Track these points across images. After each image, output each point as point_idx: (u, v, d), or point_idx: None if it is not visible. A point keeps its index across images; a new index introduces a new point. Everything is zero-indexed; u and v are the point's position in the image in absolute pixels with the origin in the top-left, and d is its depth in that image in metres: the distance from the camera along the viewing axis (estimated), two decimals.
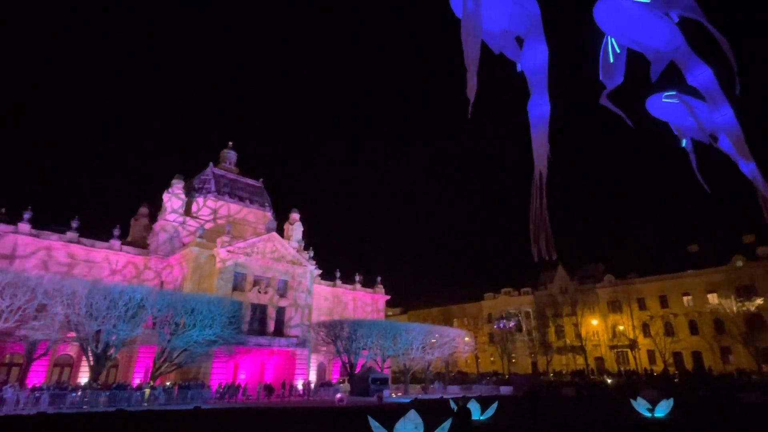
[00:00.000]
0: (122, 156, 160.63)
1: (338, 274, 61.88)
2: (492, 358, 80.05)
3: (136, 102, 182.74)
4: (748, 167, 9.04)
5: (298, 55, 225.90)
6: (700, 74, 7.97)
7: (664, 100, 9.95)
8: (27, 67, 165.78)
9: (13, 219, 38.11)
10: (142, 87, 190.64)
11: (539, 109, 7.74)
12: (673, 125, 10.37)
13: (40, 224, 40.20)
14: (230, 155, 60.58)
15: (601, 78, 8.40)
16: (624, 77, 8.62)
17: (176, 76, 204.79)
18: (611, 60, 8.36)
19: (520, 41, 9.08)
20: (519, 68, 8.74)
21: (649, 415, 22.94)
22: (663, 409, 22.93)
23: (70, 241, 41.42)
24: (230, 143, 61.37)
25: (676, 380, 48.46)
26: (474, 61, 7.27)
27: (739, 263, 59.21)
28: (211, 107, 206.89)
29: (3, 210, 23.04)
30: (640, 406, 23.64)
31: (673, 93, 9.85)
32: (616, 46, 8.24)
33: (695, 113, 9.26)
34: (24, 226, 38.95)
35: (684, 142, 10.38)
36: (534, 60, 7.78)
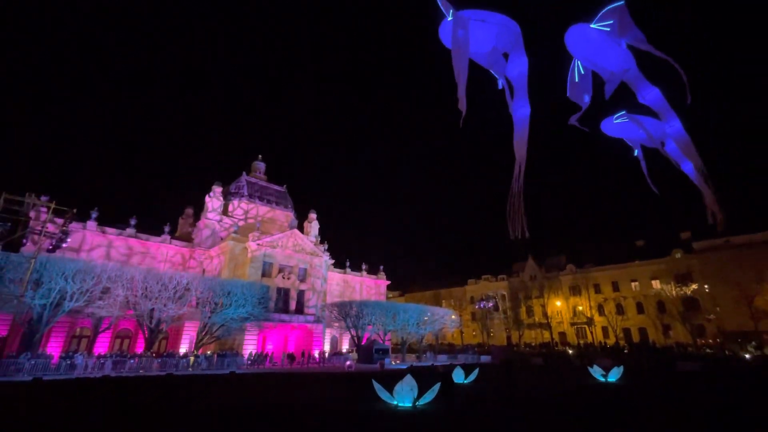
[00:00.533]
0: (173, 167, 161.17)
1: (348, 263, 61.88)
2: (474, 333, 79.97)
3: (184, 125, 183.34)
4: (689, 168, 8.84)
5: (314, 78, 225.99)
6: (648, 93, 7.78)
7: (615, 121, 9.81)
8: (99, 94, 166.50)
9: (82, 218, 38.27)
10: (189, 113, 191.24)
11: (521, 111, 7.90)
12: (626, 140, 10.18)
13: (104, 221, 40.38)
14: (260, 165, 60.56)
15: (568, 95, 8.19)
16: (589, 98, 8.48)
17: (214, 102, 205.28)
18: (577, 80, 8.22)
19: (505, 59, 9.02)
20: (500, 85, 8.60)
21: (603, 379, 22.92)
22: (614, 375, 22.91)
23: (129, 236, 41.56)
24: (260, 156, 61.35)
25: (625, 351, 48.29)
26: (463, 81, 7.16)
27: (678, 255, 59.05)
28: (244, 125, 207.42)
29: (75, 210, 23.11)
30: (596, 372, 23.60)
31: (623, 114, 9.73)
32: (581, 68, 8.07)
33: (644, 126, 9.09)
34: (91, 224, 39.13)
35: (636, 152, 10.20)
36: (517, 69, 7.84)
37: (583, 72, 8.09)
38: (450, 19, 7.18)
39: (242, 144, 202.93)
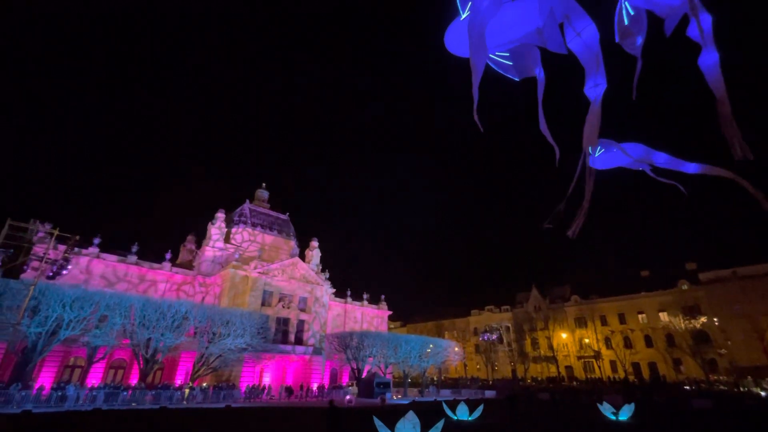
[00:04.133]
0: (177, 195, 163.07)
1: (349, 293, 60.97)
2: (478, 366, 77.65)
3: (188, 153, 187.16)
4: (696, 168, 7.78)
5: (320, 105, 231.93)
6: (703, 22, 6.33)
7: (597, 155, 8.99)
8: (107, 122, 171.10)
9: (84, 244, 38.20)
10: (193, 140, 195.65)
11: (595, 90, 6.51)
12: (628, 165, 9.20)
13: (105, 248, 40.31)
14: (263, 194, 60.97)
15: (617, 41, 7.00)
16: (642, 39, 6.98)
17: (220, 132, 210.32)
18: (626, 22, 6.97)
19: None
20: (517, 79, 7.24)
21: (613, 418, 21.91)
22: (626, 413, 21.92)
23: (131, 263, 41.34)
24: (263, 184, 61.98)
25: (636, 387, 46.49)
26: (477, 82, 5.98)
27: (685, 287, 58.04)
28: (248, 156, 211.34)
29: (77, 237, 23.22)
30: (606, 410, 22.59)
31: (598, 147, 8.90)
32: (629, 8, 6.93)
33: (628, 152, 8.35)
34: (93, 250, 39.04)
35: (648, 169, 9.14)
36: (582, 38, 6.31)
37: (632, 12, 6.78)
38: (464, 17, 6.17)
39: (246, 172, 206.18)
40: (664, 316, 57.78)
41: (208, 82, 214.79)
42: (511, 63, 7.23)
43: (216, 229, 49.68)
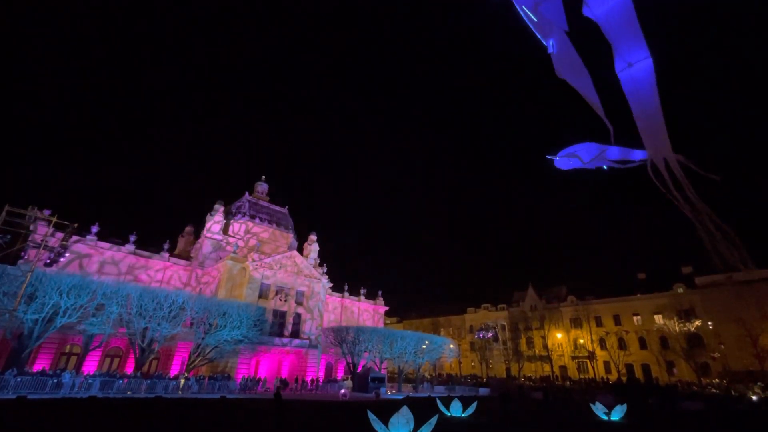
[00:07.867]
0: (175, 185, 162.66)
1: (346, 288, 61.06)
2: (472, 363, 78.03)
3: (188, 144, 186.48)
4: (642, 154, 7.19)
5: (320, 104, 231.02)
6: None
7: (558, 158, 8.96)
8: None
9: (82, 232, 38.11)
10: (195, 131, 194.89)
11: (633, 70, 4.57)
12: (586, 165, 9.10)
13: (104, 237, 40.20)
14: (262, 186, 60.85)
15: None
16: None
17: (222, 127, 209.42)
18: None
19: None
20: (550, 49, 5.81)
21: (605, 418, 22.10)
22: (618, 413, 22.12)
23: (128, 252, 41.28)
24: (263, 177, 61.78)
25: (626, 387, 46.76)
26: None
27: (680, 290, 58.31)
28: (249, 149, 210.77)
29: (76, 225, 23.14)
30: (598, 410, 22.80)
31: (557, 154, 8.96)
32: None
33: (587, 153, 8.27)
34: (91, 238, 38.96)
35: (605, 167, 9.11)
36: (606, 4, 4.67)
37: None
38: None
39: (246, 164, 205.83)
40: (658, 319, 58.09)
41: (211, 77, 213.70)
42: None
43: (215, 221, 49.59)
